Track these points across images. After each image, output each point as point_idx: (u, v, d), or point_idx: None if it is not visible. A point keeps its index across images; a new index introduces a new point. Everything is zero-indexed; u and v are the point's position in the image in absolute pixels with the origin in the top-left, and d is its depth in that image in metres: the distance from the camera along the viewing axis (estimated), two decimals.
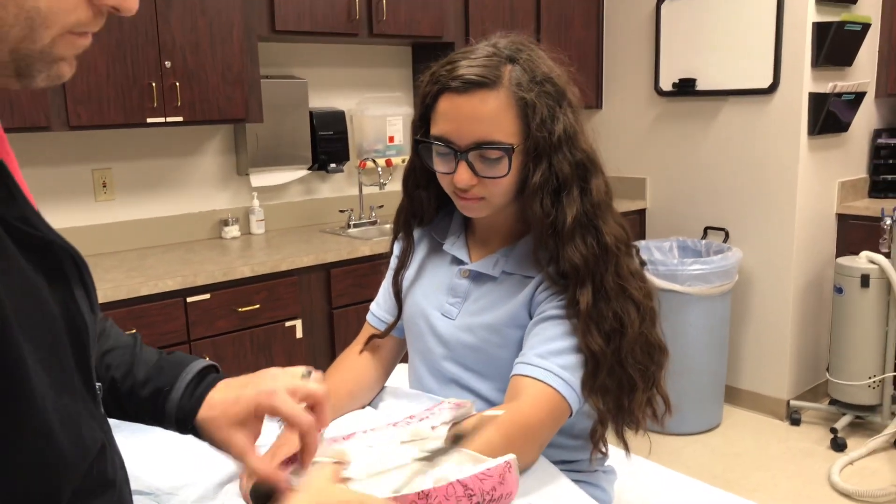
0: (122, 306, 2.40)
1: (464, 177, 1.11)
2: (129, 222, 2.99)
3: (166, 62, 2.64)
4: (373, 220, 3.50)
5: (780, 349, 3.54)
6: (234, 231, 3.19)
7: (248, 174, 3.22)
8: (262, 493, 0.86)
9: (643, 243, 3.64)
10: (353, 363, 1.34)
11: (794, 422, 3.46)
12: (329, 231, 3.32)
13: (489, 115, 1.09)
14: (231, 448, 0.87)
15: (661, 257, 3.54)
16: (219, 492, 1.05)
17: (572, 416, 1.10)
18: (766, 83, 3.40)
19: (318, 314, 2.89)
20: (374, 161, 3.43)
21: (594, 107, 4.11)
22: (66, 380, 0.64)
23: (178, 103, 2.68)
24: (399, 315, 1.32)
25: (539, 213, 1.11)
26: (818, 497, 2.86)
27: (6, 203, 0.63)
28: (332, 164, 3.39)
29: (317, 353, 2.90)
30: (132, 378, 0.93)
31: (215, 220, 3.21)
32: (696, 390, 3.36)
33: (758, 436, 3.39)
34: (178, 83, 2.67)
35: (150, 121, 2.64)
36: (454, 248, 1.27)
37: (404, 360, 1.41)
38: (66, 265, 0.68)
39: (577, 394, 1.08)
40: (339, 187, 3.59)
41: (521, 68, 1.11)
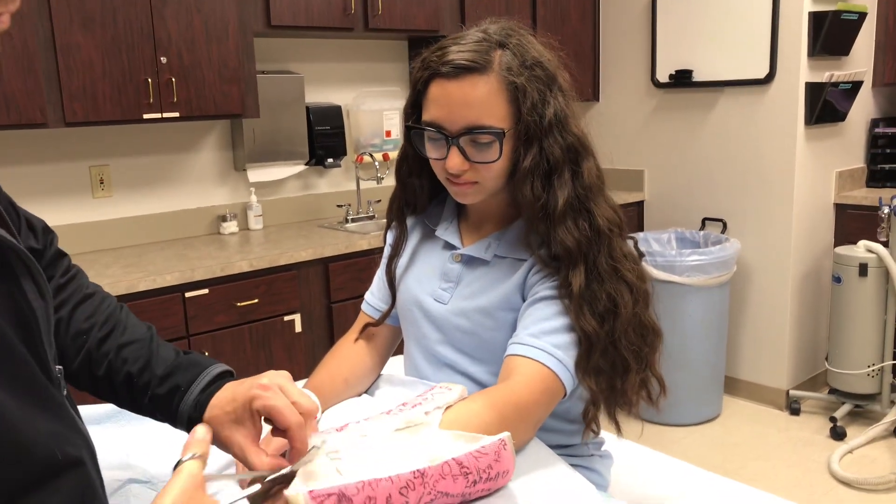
0: (120, 302, 2.39)
1: (455, 162, 1.12)
2: (127, 219, 2.99)
3: (162, 58, 2.64)
4: (370, 214, 3.50)
5: (779, 339, 3.54)
6: (232, 226, 3.19)
7: (245, 170, 3.22)
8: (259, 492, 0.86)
9: (641, 235, 3.64)
10: (348, 351, 1.34)
11: (794, 411, 3.47)
12: (327, 226, 3.33)
13: (479, 99, 1.09)
14: (231, 446, 0.87)
15: (659, 249, 3.55)
16: (214, 479, 1.05)
17: (567, 396, 1.10)
18: (762, 73, 3.40)
19: (316, 308, 2.90)
20: (372, 155, 3.43)
21: (591, 99, 4.11)
22: (16, 371, 0.64)
23: (175, 99, 2.68)
24: (393, 303, 1.32)
25: (530, 197, 1.11)
26: (818, 486, 2.86)
27: None
28: (330, 159, 3.39)
29: (316, 347, 2.90)
30: (149, 373, 0.94)
31: (213, 216, 3.22)
32: (695, 381, 3.36)
33: (757, 426, 3.40)
34: (174, 79, 2.67)
35: (146, 117, 2.64)
36: (446, 233, 1.27)
37: (399, 351, 1.41)
38: (12, 260, 0.69)
39: (570, 373, 1.08)
40: (336, 182, 3.59)
41: (511, 53, 1.11)
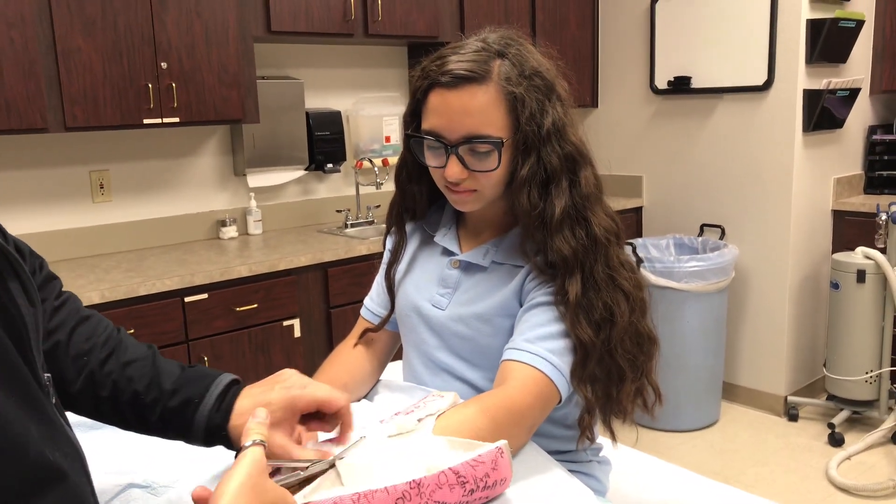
0: (120, 306, 2.40)
1: (454, 170, 1.12)
2: (127, 223, 3.00)
3: (162, 63, 2.65)
4: (370, 219, 3.51)
5: (777, 345, 3.54)
6: (231, 231, 3.20)
7: (245, 175, 3.23)
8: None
9: (640, 241, 3.64)
10: (347, 357, 1.35)
11: (792, 417, 3.47)
12: (326, 231, 3.33)
13: (478, 109, 1.10)
14: (272, 448, 0.87)
15: (657, 255, 3.55)
16: (215, 483, 1.05)
17: (563, 402, 1.10)
18: (760, 80, 3.41)
19: (315, 313, 2.90)
20: (371, 161, 3.44)
21: (590, 105, 4.12)
22: (10, 374, 0.64)
23: (175, 104, 2.69)
24: (392, 308, 1.33)
25: (526, 206, 1.12)
26: (816, 492, 2.86)
27: None
28: (329, 165, 3.40)
29: (315, 352, 2.90)
30: (157, 389, 0.93)
31: (213, 221, 3.22)
32: (693, 387, 3.37)
33: (755, 432, 3.40)
34: (174, 84, 2.68)
35: (146, 122, 2.65)
36: (445, 239, 1.28)
37: (398, 356, 1.42)
38: None
39: (566, 378, 1.08)
40: (335, 187, 3.60)
41: (510, 62, 1.12)
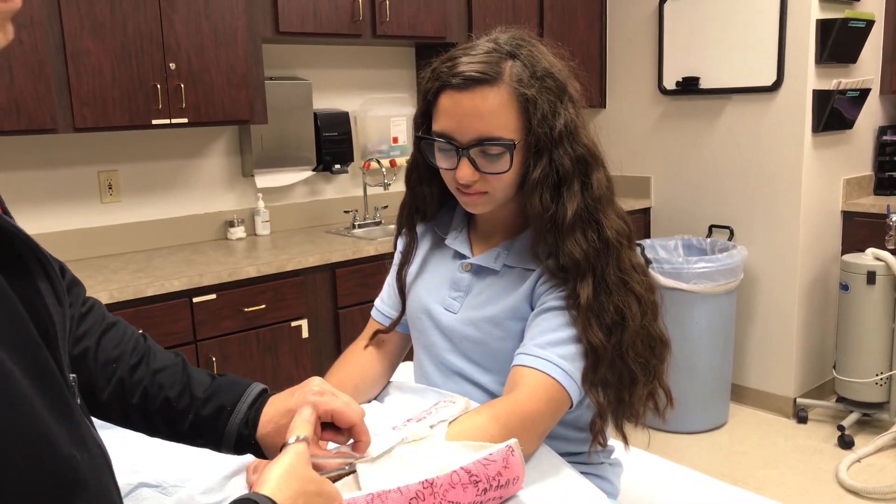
0: (128, 307, 2.41)
1: (466, 173, 1.12)
2: (135, 224, 3.00)
3: (171, 64, 2.66)
4: (377, 220, 3.51)
5: (787, 347, 3.53)
6: (239, 232, 3.20)
7: (253, 175, 3.23)
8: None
9: (648, 242, 3.64)
10: (358, 358, 1.34)
11: (801, 419, 3.45)
12: (334, 231, 3.33)
13: (490, 111, 1.09)
14: None
15: (666, 256, 3.54)
16: (225, 484, 1.05)
17: (573, 406, 1.10)
18: (769, 81, 3.40)
19: (323, 314, 2.90)
20: (379, 162, 3.43)
21: (598, 106, 4.11)
22: (41, 372, 0.64)
23: (183, 105, 2.69)
24: (403, 310, 1.32)
25: (538, 209, 1.11)
26: (826, 494, 2.85)
27: None
28: (337, 165, 3.40)
29: (322, 352, 2.90)
30: (189, 397, 0.93)
31: (221, 222, 3.23)
32: (701, 389, 3.35)
33: (764, 434, 3.38)
34: (182, 85, 2.68)
35: (155, 122, 2.65)
36: (456, 242, 1.28)
37: (409, 357, 1.41)
38: (27, 257, 0.68)
39: (577, 384, 1.08)
40: (343, 188, 3.60)
41: (521, 64, 1.11)
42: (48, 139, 2.76)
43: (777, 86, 3.38)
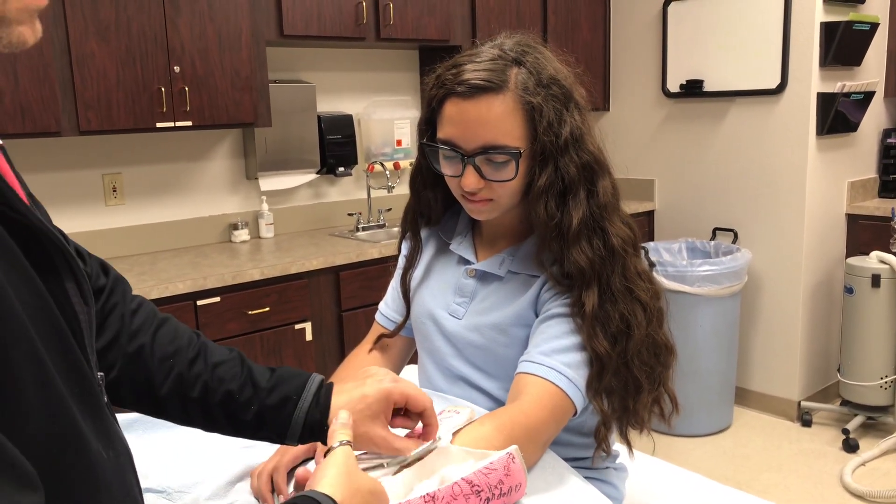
0: None
1: (471, 180, 1.11)
2: (139, 227, 3.01)
3: (175, 67, 2.66)
4: (381, 223, 3.51)
5: (791, 350, 3.52)
6: (243, 235, 3.20)
7: (257, 178, 3.24)
8: None
9: (652, 244, 3.63)
10: (362, 362, 1.34)
11: (806, 423, 3.45)
12: (338, 234, 3.33)
13: (496, 119, 1.08)
14: (373, 439, 0.91)
15: (669, 258, 3.54)
16: (230, 490, 1.05)
17: (577, 414, 1.09)
18: (773, 83, 3.39)
19: (327, 317, 2.90)
20: (382, 164, 3.44)
21: (602, 109, 4.11)
22: (72, 370, 0.64)
23: (188, 108, 2.70)
24: (407, 314, 1.32)
25: (543, 217, 1.10)
26: (830, 498, 2.84)
27: None
28: (341, 168, 3.40)
29: (326, 355, 2.90)
30: (252, 388, 0.93)
31: (225, 224, 3.23)
32: (705, 392, 3.35)
33: (769, 437, 3.38)
34: (187, 88, 2.69)
35: (159, 125, 2.66)
36: (461, 247, 1.27)
37: (413, 360, 1.41)
38: (56, 256, 0.68)
39: (581, 392, 1.08)
40: (347, 191, 3.60)
41: (527, 71, 1.10)
42: (52, 142, 2.76)
43: (781, 88, 3.38)
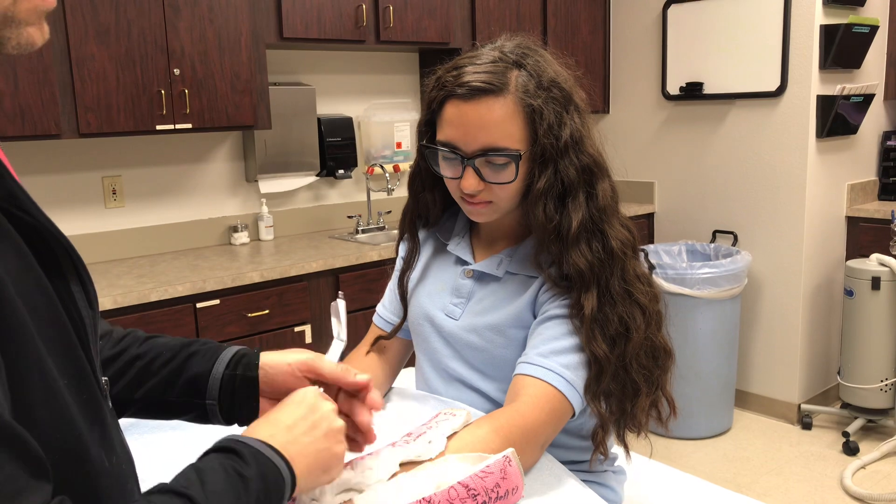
0: (132, 312, 2.41)
1: (471, 182, 1.11)
2: (139, 229, 3.01)
3: (175, 70, 2.66)
4: (381, 225, 3.51)
5: (791, 353, 3.52)
6: (243, 237, 3.20)
7: (256, 181, 3.24)
8: None
9: (652, 247, 3.63)
10: (359, 364, 1.34)
11: (806, 426, 3.44)
12: (337, 237, 3.33)
13: (496, 121, 1.08)
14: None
15: (669, 261, 3.54)
16: None
17: (576, 416, 1.09)
18: (773, 86, 3.39)
19: (327, 319, 2.90)
20: (382, 167, 3.44)
21: (601, 111, 4.11)
22: (78, 375, 0.64)
23: (188, 110, 2.70)
24: (405, 316, 1.32)
25: (542, 219, 1.10)
26: (831, 501, 2.84)
27: None
28: (340, 171, 3.40)
29: None
30: (169, 350, 0.95)
31: (224, 227, 3.23)
32: (705, 395, 3.34)
33: (769, 440, 3.37)
34: (186, 91, 2.69)
35: (159, 128, 2.66)
36: (458, 248, 1.27)
37: (411, 363, 1.41)
38: (62, 259, 0.67)
39: (579, 393, 1.07)
40: (347, 193, 3.60)
41: (527, 73, 1.10)
42: (52, 144, 2.76)
43: (781, 91, 3.38)
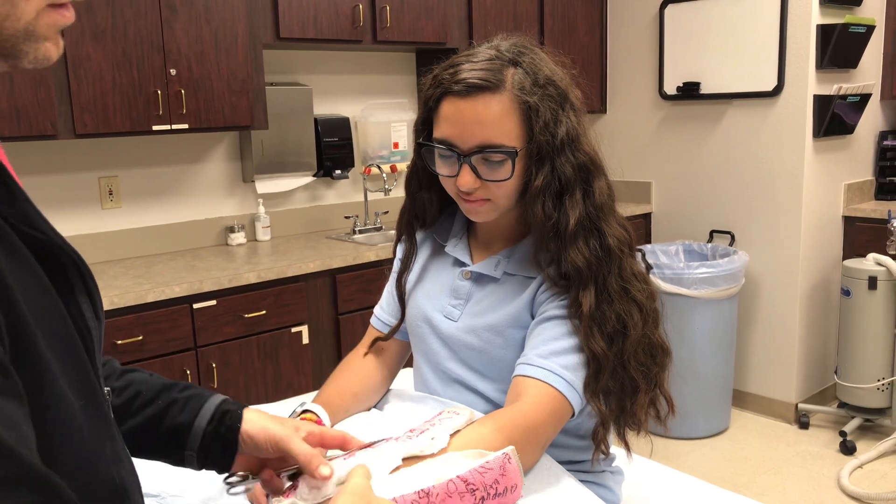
0: (129, 313, 2.40)
1: (467, 180, 1.11)
2: (136, 229, 3.00)
3: (171, 70, 2.66)
4: (378, 225, 3.51)
5: (788, 352, 3.52)
6: (239, 238, 3.20)
7: (253, 181, 3.23)
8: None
9: (649, 247, 3.63)
10: (357, 366, 1.34)
11: (803, 425, 3.44)
12: (334, 237, 3.33)
13: (492, 118, 1.08)
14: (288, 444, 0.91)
15: (666, 261, 3.54)
16: (223, 493, 1.05)
17: (575, 416, 1.09)
18: (770, 86, 3.40)
19: (324, 320, 2.89)
20: (379, 167, 3.43)
21: (599, 111, 4.11)
22: (86, 387, 0.64)
23: (184, 111, 2.70)
24: (402, 317, 1.32)
25: (540, 216, 1.11)
26: (828, 501, 2.84)
27: (7, 202, 0.61)
28: (337, 171, 3.40)
29: (323, 358, 2.90)
30: (155, 388, 0.95)
31: (221, 227, 3.22)
32: (703, 394, 3.34)
33: (766, 439, 3.38)
34: (183, 91, 2.69)
35: (155, 128, 2.65)
36: (456, 249, 1.27)
37: (408, 364, 1.41)
38: (70, 271, 0.67)
39: (578, 394, 1.07)
40: (344, 193, 3.60)
41: (523, 71, 1.10)
42: (49, 145, 2.76)
43: (778, 91, 3.38)
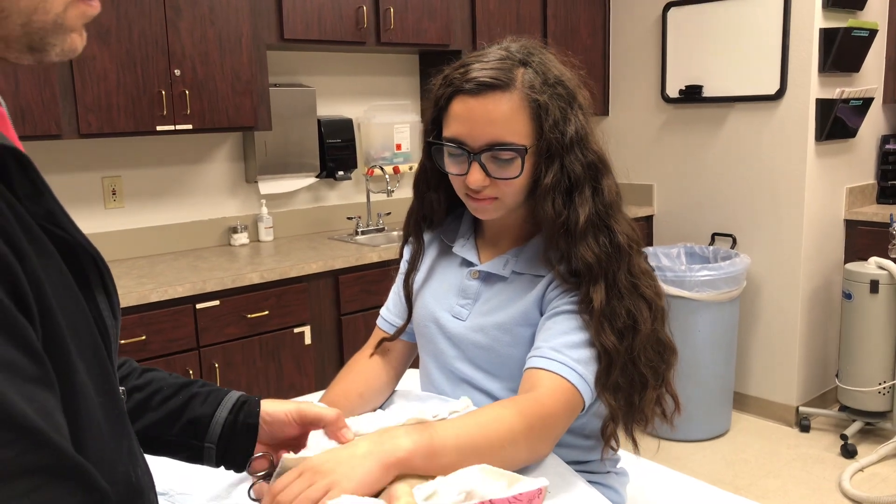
0: (132, 313, 2.41)
1: (477, 178, 1.12)
2: (139, 230, 3.00)
3: (176, 70, 2.66)
4: (380, 227, 3.51)
5: (789, 355, 3.52)
6: (242, 238, 3.20)
7: (256, 182, 3.24)
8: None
9: (651, 250, 3.63)
10: (363, 366, 1.34)
11: (804, 428, 3.45)
12: (337, 238, 3.33)
13: (502, 116, 1.10)
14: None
15: (668, 263, 3.54)
16: (232, 492, 1.05)
17: (584, 411, 1.10)
18: (773, 89, 3.40)
19: (326, 321, 2.90)
20: (382, 168, 3.44)
21: (601, 114, 4.11)
22: (105, 384, 0.64)
23: (188, 111, 2.70)
24: (409, 318, 1.32)
25: (551, 214, 1.12)
26: None
27: (33, 200, 0.60)
28: (340, 172, 3.40)
29: (325, 359, 2.90)
30: (172, 386, 0.98)
31: (224, 228, 3.23)
32: (704, 397, 3.35)
33: (767, 442, 3.38)
34: (187, 91, 2.69)
35: (159, 129, 2.66)
36: (463, 249, 1.28)
37: (415, 365, 1.41)
38: (89, 269, 0.67)
39: (590, 388, 1.09)
40: (346, 195, 3.60)
41: (533, 71, 1.12)
42: (53, 145, 2.76)
43: (780, 94, 3.39)
